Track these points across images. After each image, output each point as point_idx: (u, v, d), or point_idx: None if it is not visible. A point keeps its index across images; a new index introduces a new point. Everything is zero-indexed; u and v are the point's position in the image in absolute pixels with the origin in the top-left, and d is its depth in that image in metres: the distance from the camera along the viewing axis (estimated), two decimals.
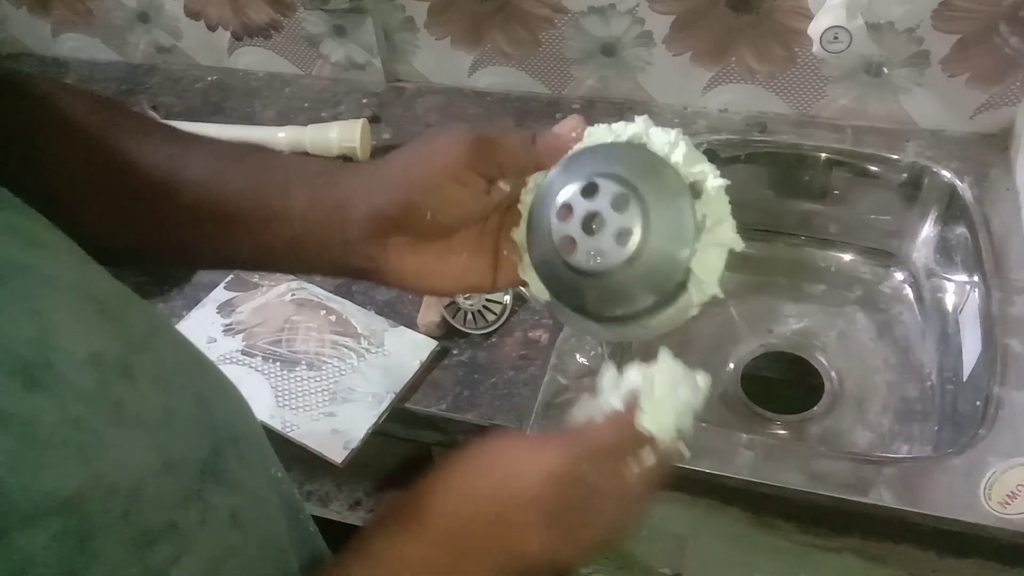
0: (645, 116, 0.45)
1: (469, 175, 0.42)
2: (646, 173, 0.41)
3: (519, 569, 0.39)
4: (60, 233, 0.34)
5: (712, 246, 0.42)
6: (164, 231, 0.45)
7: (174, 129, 0.47)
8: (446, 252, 0.44)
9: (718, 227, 0.42)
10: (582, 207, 0.41)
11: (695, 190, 0.42)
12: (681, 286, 0.42)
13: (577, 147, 0.44)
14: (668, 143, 0.43)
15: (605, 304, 0.43)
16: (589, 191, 0.41)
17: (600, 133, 0.44)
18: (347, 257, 0.43)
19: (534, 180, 0.45)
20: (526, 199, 0.45)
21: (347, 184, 0.44)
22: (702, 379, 0.44)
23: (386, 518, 0.40)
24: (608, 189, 0.41)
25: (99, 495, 0.28)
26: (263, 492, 0.41)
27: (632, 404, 0.43)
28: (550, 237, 0.42)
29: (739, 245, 0.42)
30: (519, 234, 0.45)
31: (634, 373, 0.44)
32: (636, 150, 0.43)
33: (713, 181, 0.42)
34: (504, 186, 0.44)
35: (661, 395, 0.43)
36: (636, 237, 0.40)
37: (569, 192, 0.42)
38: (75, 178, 0.43)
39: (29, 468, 0.26)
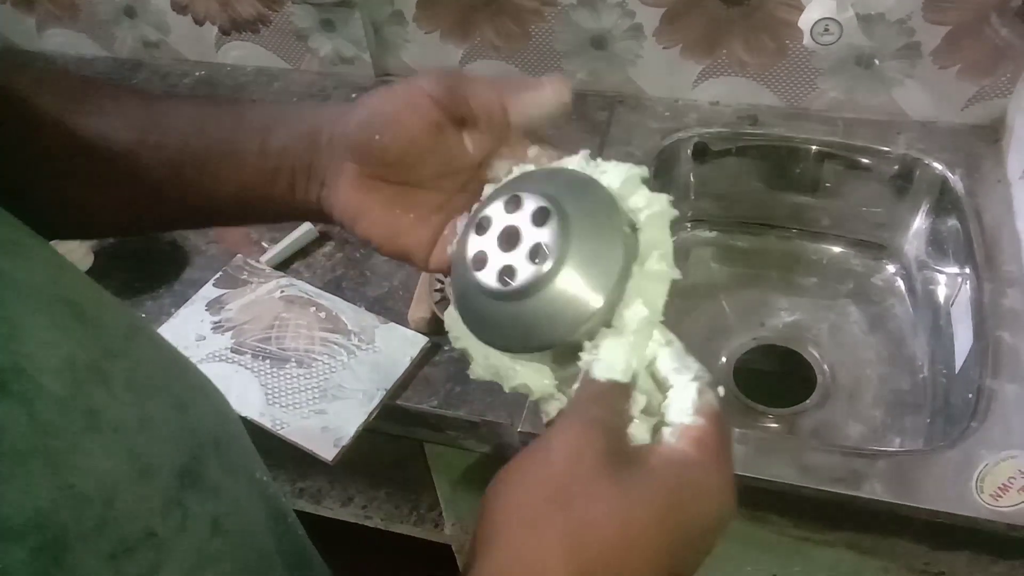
0: (643, 168, 0.40)
1: (425, 101, 0.40)
2: (583, 197, 0.38)
3: None
4: (34, 236, 0.33)
5: (649, 279, 0.37)
6: (142, 193, 0.44)
7: (141, 90, 0.47)
8: (393, 204, 0.43)
9: (652, 257, 0.37)
10: (501, 219, 0.38)
11: (632, 219, 0.38)
12: (607, 315, 0.37)
13: (519, 171, 0.41)
14: (645, 199, 0.38)
15: (510, 337, 0.38)
16: (512, 204, 0.38)
17: (575, 163, 0.41)
18: (310, 185, 0.43)
19: (485, 190, 0.42)
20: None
21: (322, 113, 0.44)
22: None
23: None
24: (531, 203, 0.37)
25: (72, 504, 0.27)
26: (247, 497, 0.40)
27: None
28: (464, 253, 0.38)
29: (675, 274, 0.37)
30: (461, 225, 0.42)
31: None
32: (590, 185, 0.39)
33: (652, 208, 0.38)
34: (470, 146, 0.42)
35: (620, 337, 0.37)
36: (553, 254, 0.36)
37: (492, 207, 0.38)
38: (43, 155, 0.42)
39: (0, 479, 0.25)
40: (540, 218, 0.36)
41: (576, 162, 0.41)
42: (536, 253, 0.36)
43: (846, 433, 0.90)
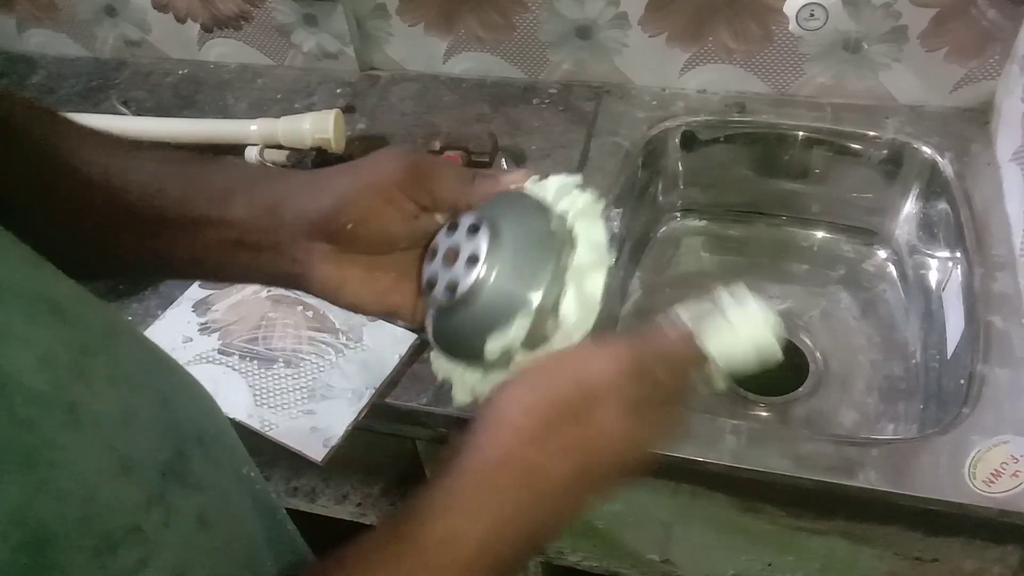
0: (577, 177, 0.44)
1: (396, 195, 0.42)
2: (514, 207, 0.41)
3: (603, 462, 0.39)
4: (10, 236, 0.33)
5: (585, 268, 0.40)
6: (103, 239, 0.44)
7: (110, 136, 0.46)
8: (373, 269, 0.44)
9: (584, 248, 0.41)
10: (444, 244, 0.42)
11: (565, 219, 0.41)
12: (549, 309, 0.40)
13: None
14: (572, 199, 0.42)
15: (471, 343, 0.41)
16: (451, 228, 0.42)
17: (532, 186, 0.44)
18: (278, 260, 0.44)
19: None
20: None
21: (283, 188, 0.44)
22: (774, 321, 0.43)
23: (459, 441, 0.40)
24: (467, 221, 0.41)
25: (52, 501, 0.27)
26: (233, 492, 0.40)
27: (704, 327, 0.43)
28: (421, 282, 0.42)
29: (609, 261, 0.41)
30: None
31: (722, 300, 0.44)
32: (524, 197, 0.43)
33: (578, 205, 0.42)
34: (440, 219, 0.44)
35: (734, 328, 0.42)
36: (483, 260, 0.39)
37: (440, 235, 0.42)
38: (14, 184, 0.42)
39: None
40: (472, 230, 0.40)
41: (531, 185, 0.44)
42: (471, 260, 0.40)
43: (839, 420, 0.90)
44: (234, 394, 0.77)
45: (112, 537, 0.29)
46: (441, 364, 0.44)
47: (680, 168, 1.06)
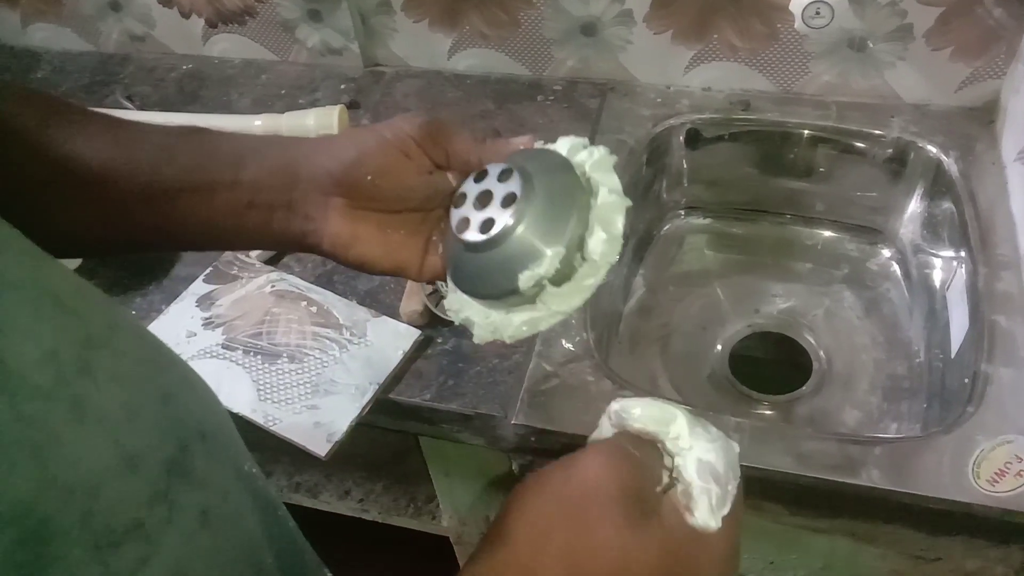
0: (584, 138, 0.47)
1: (414, 149, 0.44)
2: (538, 158, 0.45)
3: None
4: (12, 229, 0.33)
5: (605, 209, 0.43)
6: (113, 218, 0.45)
7: (112, 116, 0.47)
8: (384, 226, 0.45)
9: (603, 192, 0.43)
10: (474, 191, 0.44)
11: (580, 166, 0.44)
12: (577, 246, 0.43)
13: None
14: (587, 153, 0.45)
15: (503, 279, 0.43)
16: (480, 176, 0.44)
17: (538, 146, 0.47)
18: (290, 219, 0.44)
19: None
20: None
21: (298, 148, 0.45)
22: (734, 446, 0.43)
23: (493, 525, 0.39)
24: (495, 170, 0.44)
25: (55, 496, 0.27)
26: (234, 489, 0.40)
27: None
28: (450, 226, 0.44)
29: (627, 202, 0.43)
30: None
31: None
32: (542, 150, 0.46)
33: (593, 157, 0.44)
34: (452, 178, 0.46)
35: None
36: (520, 198, 0.42)
37: (465, 183, 0.45)
38: (15, 175, 0.42)
39: None
40: (505, 175, 0.43)
41: (561, 144, 0.47)
42: (507, 200, 0.42)
43: (842, 419, 0.90)
44: (238, 389, 0.77)
45: (114, 534, 0.29)
46: (461, 306, 0.46)
47: (684, 166, 1.06)
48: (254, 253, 0.89)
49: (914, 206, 0.99)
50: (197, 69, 1.20)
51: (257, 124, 1.01)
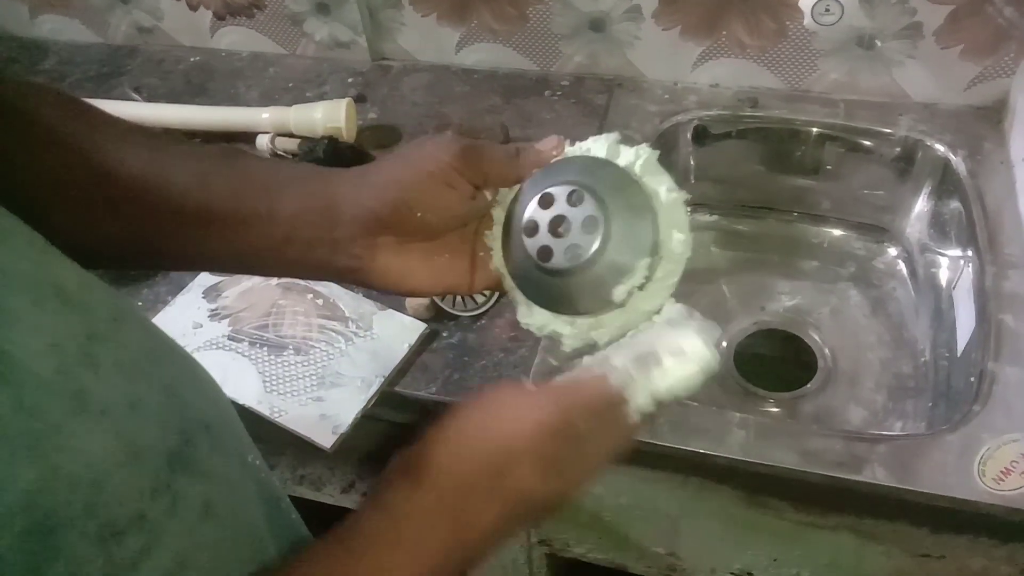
0: (616, 134, 0.47)
1: (457, 179, 0.44)
2: (596, 172, 0.44)
3: (523, 512, 0.40)
4: (18, 222, 0.33)
5: (669, 209, 0.44)
6: (145, 235, 0.44)
7: (150, 131, 0.46)
8: (430, 253, 0.46)
9: (662, 192, 0.44)
10: (545, 218, 0.44)
11: (649, 194, 0.44)
12: (654, 268, 0.44)
13: (576, 153, 0.47)
14: (632, 153, 0.45)
15: (597, 296, 0.44)
16: (545, 202, 0.44)
17: (571, 150, 0.47)
18: (333, 257, 0.44)
19: (501, 192, 0.48)
20: (495, 212, 0.48)
21: (338, 185, 0.44)
22: (708, 337, 0.43)
23: (393, 474, 0.41)
24: (562, 193, 0.44)
25: (59, 487, 0.27)
26: (238, 480, 0.40)
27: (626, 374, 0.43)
28: (526, 253, 0.45)
29: (685, 195, 0.45)
30: (490, 239, 0.48)
31: (644, 337, 0.44)
32: (590, 159, 0.46)
33: (640, 158, 0.45)
34: (488, 195, 0.46)
35: (662, 367, 0.43)
36: (601, 221, 0.43)
37: (531, 209, 0.45)
38: (49, 186, 0.41)
39: None
40: (575, 198, 0.43)
41: (569, 148, 0.47)
42: (589, 224, 0.43)
43: (847, 417, 0.90)
44: (244, 380, 0.77)
45: (117, 525, 0.29)
46: (545, 321, 0.47)
47: (691, 162, 1.05)
48: None
49: (921, 205, 0.99)
50: (205, 62, 1.20)
51: (265, 117, 1.02)
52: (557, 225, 0.44)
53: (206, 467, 0.36)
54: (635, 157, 0.45)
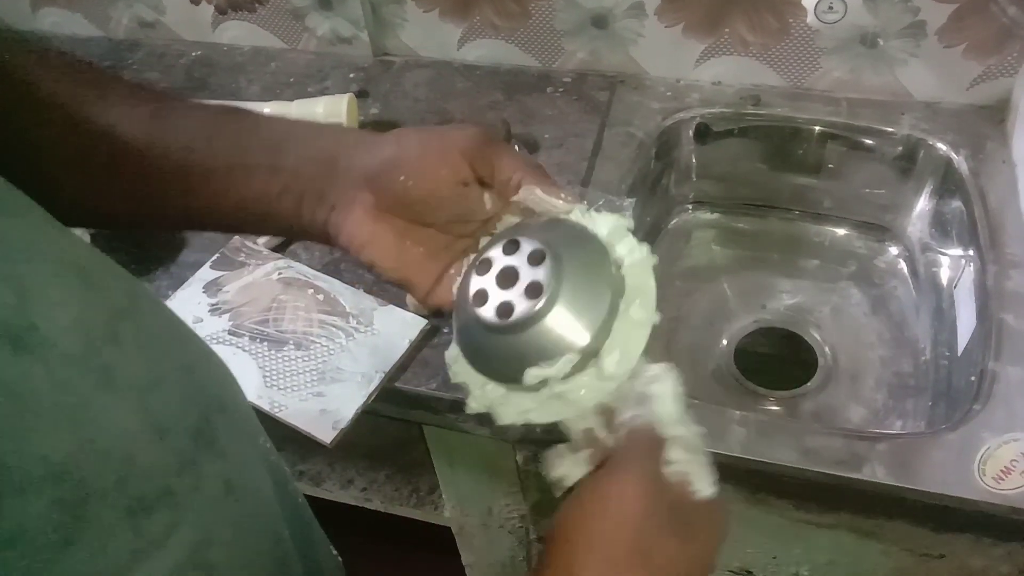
0: (629, 219, 0.44)
1: (458, 160, 0.43)
2: (578, 246, 0.41)
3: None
4: (32, 202, 0.33)
5: (631, 325, 0.40)
6: (147, 192, 0.44)
7: (153, 89, 0.46)
8: (405, 235, 0.44)
9: (635, 304, 0.41)
10: (500, 262, 0.41)
11: (617, 264, 0.42)
12: (593, 354, 0.40)
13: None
14: (630, 247, 0.42)
15: (508, 367, 0.41)
16: (510, 248, 0.41)
17: (579, 212, 0.44)
18: (317, 208, 0.44)
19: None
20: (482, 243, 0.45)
21: (341, 141, 0.44)
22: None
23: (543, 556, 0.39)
24: (528, 247, 0.40)
25: (92, 460, 0.27)
26: (253, 461, 0.40)
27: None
28: (468, 289, 0.41)
29: (655, 319, 0.41)
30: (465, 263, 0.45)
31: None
32: (582, 230, 0.43)
33: (634, 256, 0.42)
34: (487, 199, 0.44)
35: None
36: (546, 293, 0.39)
37: (493, 249, 0.42)
38: (50, 146, 0.42)
39: (20, 433, 0.25)
40: (536, 259, 0.40)
41: (574, 213, 0.44)
42: (532, 290, 0.39)
43: (847, 416, 0.90)
44: (244, 375, 0.77)
45: (146, 499, 0.29)
46: (462, 370, 0.44)
47: (693, 160, 1.05)
48: (261, 240, 0.89)
49: (923, 204, 0.99)
50: (206, 56, 1.20)
51: (266, 111, 1.01)
52: (507, 278, 0.40)
53: (225, 446, 0.36)
54: (628, 252, 0.42)
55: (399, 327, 0.80)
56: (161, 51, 1.21)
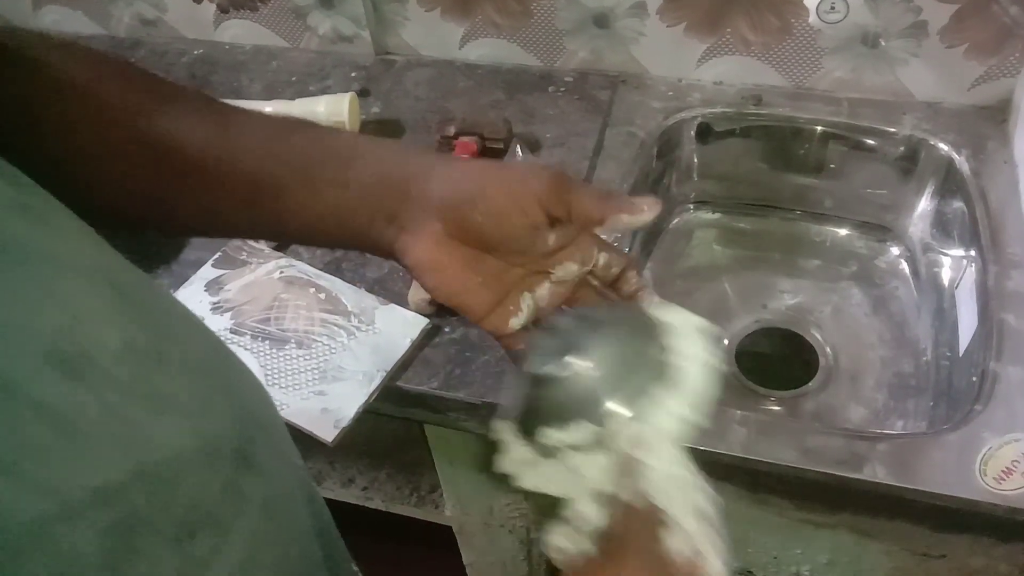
0: (712, 326, 0.43)
1: (533, 206, 0.43)
2: (636, 331, 0.42)
3: None
4: (71, 214, 0.32)
5: (666, 412, 0.40)
6: (215, 206, 0.44)
7: (206, 97, 0.46)
8: (469, 263, 0.44)
9: (679, 394, 0.40)
10: (563, 323, 0.43)
11: (665, 349, 0.42)
12: (614, 431, 0.40)
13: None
14: (701, 347, 0.42)
15: (533, 417, 0.41)
16: (569, 316, 0.44)
17: (658, 305, 0.45)
18: (386, 228, 0.44)
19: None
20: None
21: (415, 163, 0.44)
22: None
23: None
24: (591, 316, 0.43)
25: (141, 487, 0.27)
26: (289, 481, 0.40)
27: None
28: (525, 352, 0.43)
29: (696, 421, 0.40)
30: (528, 301, 0.46)
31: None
32: (646, 321, 0.43)
33: (697, 354, 0.41)
34: (550, 239, 0.45)
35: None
36: (584, 363, 0.40)
37: (564, 318, 0.44)
38: (111, 157, 0.41)
39: (70, 460, 0.25)
40: (591, 326, 0.42)
41: (653, 305, 0.46)
42: (570, 349, 0.40)
43: (848, 416, 0.90)
44: None
45: (192, 523, 0.29)
46: (503, 426, 0.44)
47: (695, 160, 1.05)
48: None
49: (924, 204, 0.99)
50: (208, 54, 1.20)
51: (268, 111, 1.01)
52: (554, 334, 0.42)
53: (263, 466, 0.36)
54: (692, 348, 0.41)
55: (401, 326, 0.80)
56: (162, 49, 1.21)
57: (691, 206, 1.10)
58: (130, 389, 0.28)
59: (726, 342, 0.98)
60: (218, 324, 0.81)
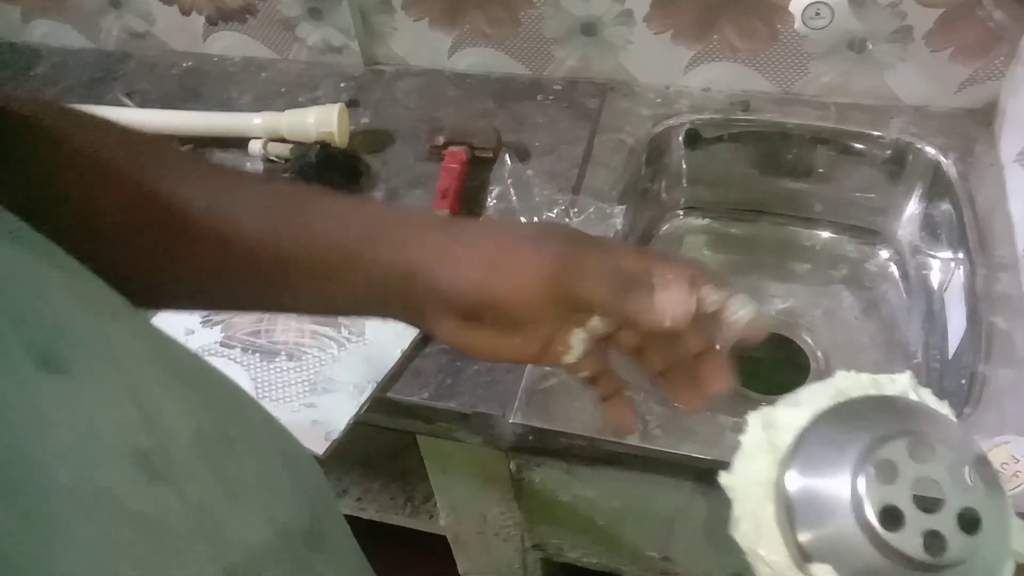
0: (909, 373, 0.38)
1: (546, 307, 0.39)
2: (970, 447, 0.35)
3: None
4: (125, 300, 0.31)
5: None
6: (215, 278, 0.41)
7: (199, 158, 0.44)
8: (501, 334, 0.41)
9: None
10: (912, 470, 0.33)
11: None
12: None
13: (853, 394, 0.38)
14: (934, 400, 0.36)
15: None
16: (923, 455, 0.33)
17: (856, 381, 0.37)
18: (404, 313, 0.42)
19: (762, 418, 0.38)
20: (756, 435, 0.38)
21: (417, 250, 0.40)
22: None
23: None
24: (945, 457, 0.33)
25: None
26: (352, 555, 0.38)
27: None
28: (848, 499, 0.33)
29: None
30: (578, 338, 0.41)
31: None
32: (945, 419, 0.36)
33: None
34: (589, 326, 0.41)
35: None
36: (984, 526, 0.32)
37: (891, 447, 0.33)
38: (102, 220, 0.38)
39: (160, 565, 0.24)
40: (961, 478, 0.33)
41: (900, 384, 0.38)
42: (968, 521, 0.33)
43: None
44: None
45: None
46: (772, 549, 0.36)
47: (684, 166, 1.06)
48: None
49: (913, 207, 0.99)
50: (197, 66, 1.20)
51: (257, 122, 1.02)
52: (926, 492, 0.33)
53: (330, 543, 0.34)
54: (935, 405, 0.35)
55: (391, 337, 0.80)
56: (152, 62, 1.22)
57: (681, 212, 1.10)
58: (208, 481, 0.27)
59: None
60: (208, 337, 0.81)
